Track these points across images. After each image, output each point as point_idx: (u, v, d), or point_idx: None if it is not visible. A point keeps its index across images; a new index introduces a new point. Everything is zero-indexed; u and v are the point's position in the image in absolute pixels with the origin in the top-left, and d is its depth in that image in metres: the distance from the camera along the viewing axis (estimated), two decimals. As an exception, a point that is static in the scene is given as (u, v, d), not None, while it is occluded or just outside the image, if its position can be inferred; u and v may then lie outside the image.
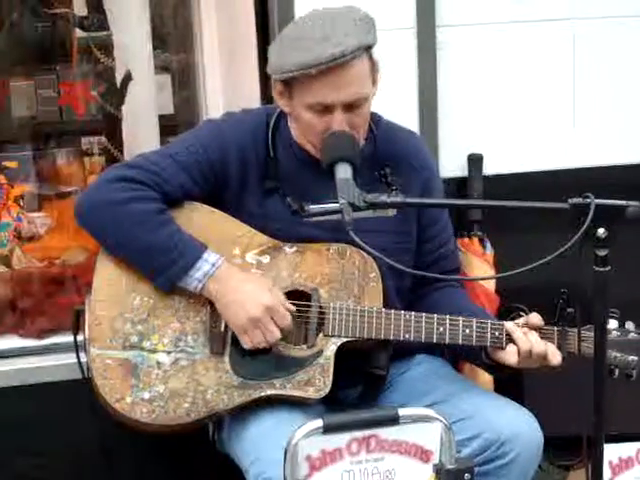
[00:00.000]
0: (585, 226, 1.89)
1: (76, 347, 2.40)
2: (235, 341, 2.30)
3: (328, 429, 1.73)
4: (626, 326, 2.30)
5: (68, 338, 3.01)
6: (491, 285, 2.91)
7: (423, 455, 1.79)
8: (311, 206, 2.17)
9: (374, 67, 2.32)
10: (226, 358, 2.30)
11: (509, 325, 2.29)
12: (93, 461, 2.76)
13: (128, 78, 3.36)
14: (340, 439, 1.75)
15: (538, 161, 3.14)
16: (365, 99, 2.29)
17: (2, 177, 3.39)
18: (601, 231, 1.91)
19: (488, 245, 3.02)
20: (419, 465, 1.79)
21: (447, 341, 2.29)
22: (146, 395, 2.27)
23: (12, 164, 3.48)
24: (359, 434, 1.75)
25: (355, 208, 2.05)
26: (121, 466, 2.84)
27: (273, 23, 3.04)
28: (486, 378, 2.88)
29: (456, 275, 2.58)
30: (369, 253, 2.06)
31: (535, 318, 2.30)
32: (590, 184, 2.03)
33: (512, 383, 2.42)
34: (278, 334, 2.26)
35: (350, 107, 2.27)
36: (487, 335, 2.28)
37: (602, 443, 2.01)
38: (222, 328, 2.30)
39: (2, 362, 2.95)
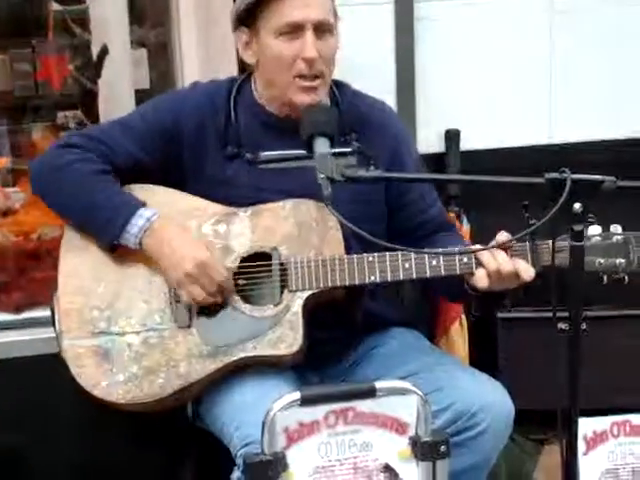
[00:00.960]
0: (561, 201, 1.90)
1: (55, 330, 2.39)
2: (201, 311, 2.31)
3: (305, 401, 1.73)
4: (611, 229, 2.24)
5: (45, 312, 3.02)
6: (468, 260, 2.91)
7: (399, 427, 1.80)
8: (264, 153, 2.22)
9: (335, 13, 2.37)
10: (194, 330, 2.31)
11: (476, 246, 2.24)
12: (71, 436, 2.77)
13: (104, 52, 3.33)
14: (317, 411, 1.75)
15: (515, 137, 3.15)
16: (331, 29, 2.32)
17: (-23, 151, 3.37)
18: (577, 206, 1.91)
19: (465, 220, 3.03)
20: (395, 437, 1.80)
21: (414, 276, 2.25)
22: (121, 377, 2.29)
23: (-13, 138, 3.46)
24: (336, 406, 1.76)
25: (333, 182, 2.05)
26: (99, 442, 2.85)
27: None
28: (461, 352, 2.90)
29: (452, 230, 2.53)
30: (348, 227, 2.04)
31: (502, 236, 2.21)
32: (568, 160, 2.03)
33: (487, 356, 2.43)
34: (214, 288, 2.27)
35: (319, 32, 2.29)
36: (455, 263, 2.23)
37: (576, 416, 2.03)
38: (184, 300, 2.31)
39: (-22, 336, 2.95)
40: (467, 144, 3.09)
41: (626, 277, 2.24)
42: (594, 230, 2.22)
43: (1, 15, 3.73)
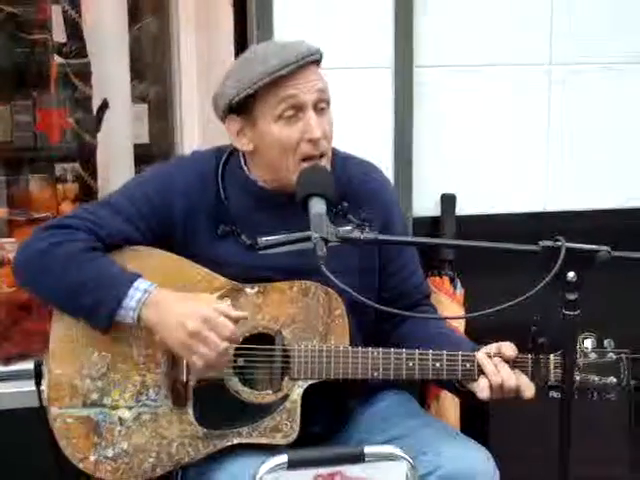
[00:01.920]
0: (555, 269, 1.90)
1: (40, 400, 2.33)
2: (198, 392, 2.24)
3: (292, 465, 1.72)
4: (605, 344, 2.25)
5: (34, 365, 3.00)
6: (461, 325, 2.91)
7: (387, 493, 1.79)
8: (264, 238, 2.15)
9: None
10: (189, 409, 2.24)
11: (480, 356, 2.24)
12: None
13: (105, 106, 3.37)
14: (305, 475, 1.74)
15: (511, 203, 3.15)
16: (328, 105, 2.29)
17: (-26, 201, 3.38)
18: (571, 275, 1.92)
19: (459, 285, 3.02)
20: (383, 503, 1.79)
21: (417, 376, 2.25)
22: (109, 453, 2.22)
23: (-16, 188, 3.47)
24: (324, 470, 1.75)
25: (328, 243, 2.04)
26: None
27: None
28: (452, 417, 2.88)
29: (428, 302, 2.53)
30: (338, 288, 2.03)
31: (508, 349, 2.23)
32: (562, 228, 2.04)
33: (478, 423, 2.42)
34: (224, 344, 2.16)
35: (318, 109, 2.25)
36: (458, 368, 2.24)
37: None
38: (183, 379, 2.24)
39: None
40: (463, 209, 3.10)
41: (613, 397, 2.25)
42: (589, 344, 2.24)
43: (4, 67, 3.76)
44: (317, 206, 2.13)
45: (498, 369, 2.22)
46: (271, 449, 2.18)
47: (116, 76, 3.42)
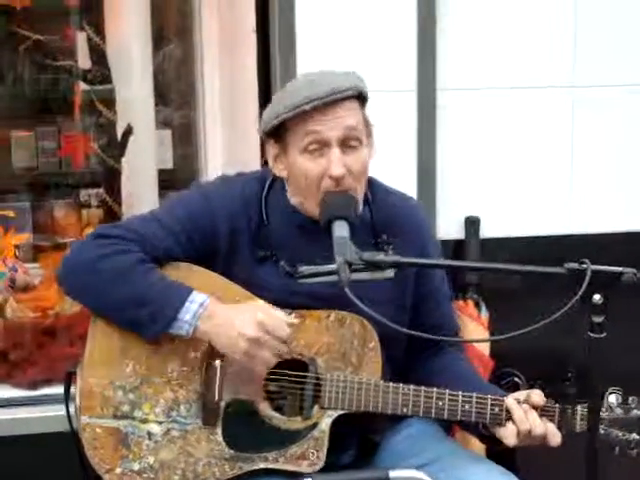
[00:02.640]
0: (581, 292, 1.89)
1: (67, 406, 2.36)
2: (228, 413, 2.24)
3: (318, 489, 1.71)
4: (629, 401, 2.25)
5: (60, 389, 3.01)
6: (485, 349, 2.90)
7: (413, 518, 1.77)
8: (304, 267, 2.15)
9: (368, 123, 2.30)
10: (218, 430, 2.24)
11: (509, 402, 2.23)
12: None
13: (129, 132, 3.38)
14: (330, 500, 1.73)
15: (535, 226, 3.15)
16: (360, 141, 2.25)
17: (-1, 226, 3.40)
18: (597, 297, 1.90)
19: (483, 308, 3.01)
20: (408, 528, 1.77)
21: (445, 416, 2.24)
22: (136, 466, 2.22)
23: (10, 213, 3.48)
24: (349, 495, 1.74)
25: (352, 267, 2.04)
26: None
27: (275, 81, 3.07)
28: (478, 445, 2.86)
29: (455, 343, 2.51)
30: (365, 313, 2.03)
31: (537, 397, 2.23)
32: (587, 250, 2.03)
33: (505, 451, 2.39)
34: (282, 347, 2.19)
35: (346, 146, 2.23)
36: (487, 411, 2.23)
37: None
38: (215, 398, 2.24)
39: (-7, 412, 2.94)
40: (487, 232, 3.09)
41: (634, 453, 2.24)
42: (614, 399, 2.24)
43: (29, 93, 3.80)
44: (340, 229, 2.14)
45: (527, 416, 2.21)
46: (296, 476, 2.18)
47: (140, 101, 3.43)
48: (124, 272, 2.21)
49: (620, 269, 1.93)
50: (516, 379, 3.00)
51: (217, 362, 2.24)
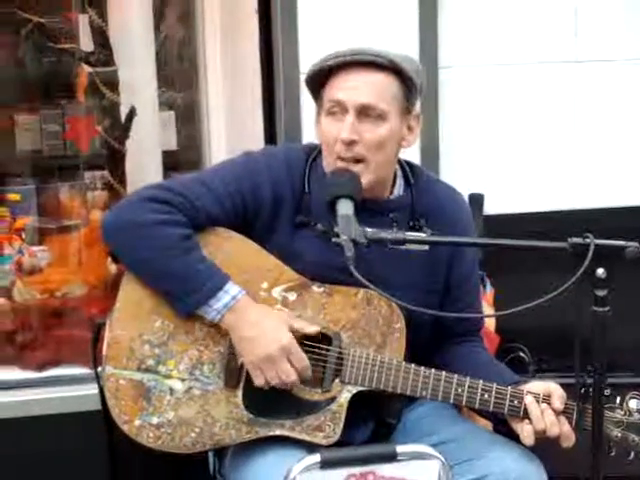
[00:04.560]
0: (584, 266, 1.90)
1: (94, 360, 2.38)
2: (250, 377, 2.27)
3: (325, 464, 1.73)
4: None
5: (68, 371, 3.04)
6: (491, 325, 2.91)
7: (420, 492, 1.79)
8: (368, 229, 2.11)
9: (407, 106, 2.31)
10: (239, 392, 2.28)
11: (528, 400, 2.23)
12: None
13: (132, 114, 3.38)
14: (338, 474, 1.75)
15: (539, 202, 3.15)
16: (382, 116, 2.26)
17: (5, 210, 3.41)
18: (600, 271, 1.91)
19: (488, 284, 3.02)
20: (416, 502, 1.79)
21: (464, 403, 2.26)
22: (155, 420, 2.25)
23: (15, 197, 3.49)
24: (357, 470, 1.76)
25: (356, 244, 2.05)
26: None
27: (277, 61, 3.07)
28: (483, 421, 2.88)
29: (478, 335, 2.53)
30: (375, 292, 2.06)
31: (558, 403, 2.22)
32: (591, 225, 2.03)
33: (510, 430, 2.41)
34: (294, 376, 2.23)
35: (363, 115, 2.25)
36: (505, 403, 2.24)
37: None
38: (239, 362, 2.27)
39: (2, 393, 2.95)
40: (491, 208, 3.09)
41: None
42: (634, 404, 2.24)
43: (33, 76, 3.79)
44: (344, 207, 2.16)
45: (544, 415, 2.22)
46: (310, 447, 2.21)
47: (143, 83, 3.44)
48: (168, 246, 2.25)
49: (623, 243, 1.94)
50: (522, 354, 3.02)
51: None
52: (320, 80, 2.31)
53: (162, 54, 3.77)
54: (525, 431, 2.23)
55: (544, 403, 2.23)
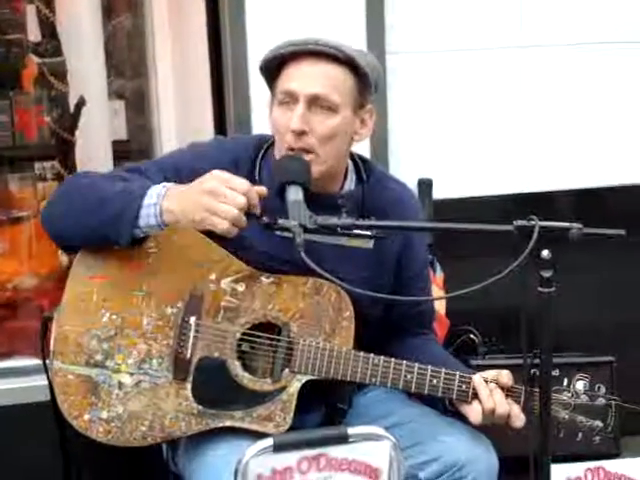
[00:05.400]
0: (529, 248, 1.93)
1: (43, 354, 2.34)
2: (199, 369, 2.27)
3: (278, 448, 1.74)
4: (596, 389, 2.29)
5: (20, 363, 3.02)
6: (441, 308, 2.94)
7: (372, 473, 1.81)
8: (282, 220, 2.11)
9: (361, 101, 2.31)
10: (188, 385, 2.27)
11: (476, 380, 2.26)
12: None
13: (82, 103, 3.37)
14: (290, 458, 1.76)
15: (486, 186, 3.18)
16: (333, 108, 2.26)
17: (-46, 202, 3.39)
18: (545, 252, 1.94)
19: (438, 268, 3.05)
20: (368, 483, 1.81)
21: (413, 389, 2.28)
22: (104, 415, 2.25)
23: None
24: (309, 453, 1.77)
25: (306, 230, 2.07)
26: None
27: (225, 47, 3.07)
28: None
29: (430, 329, 2.56)
30: (326, 278, 2.07)
31: (505, 378, 2.27)
32: (536, 208, 2.06)
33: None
34: (241, 198, 2.10)
35: (315, 106, 2.25)
36: (454, 387, 2.26)
37: (548, 464, 2.04)
38: (188, 355, 2.27)
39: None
40: (439, 193, 3.12)
41: (597, 440, 2.30)
42: (581, 386, 2.28)
43: (-20, 68, 3.76)
44: (294, 193, 2.16)
45: (492, 395, 2.25)
46: (261, 436, 2.20)
47: (92, 73, 3.42)
48: (94, 184, 2.25)
49: (567, 224, 1.97)
50: (471, 336, 3.05)
51: (192, 319, 2.27)
52: (274, 69, 2.30)
53: (111, 44, 3.76)
54: (474, 409, 2.25)
55: (492, 384, 2.26)
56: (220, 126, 3.15)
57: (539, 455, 2.02)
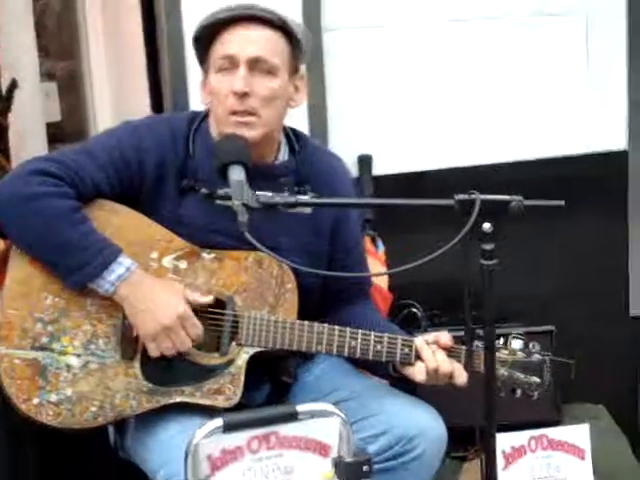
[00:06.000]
0: (471, 221, 1.95)
1: None
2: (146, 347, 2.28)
3: (228, 428, 1.74)
4: (530, 346, 2.35)
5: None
6: (384, 283, 2.95)
7: (322, 450, 1.81)
8: (222, 190, 2.14)
9: (295, 66, 2.36)
10: (136, 363, 2.28)
11: (418, 342, 2.31)
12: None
13: (14, 86, 3.33)
14: (240, 437, 1.76)
15: (425, 161, 3.20)
16: (272, 72, 2.30)
17: None
18: (487, 225, 1.97)
19: (380, 244, 3.06)
20: (318, 459, 1.81)
21: (358, 355, 2.30)
22: (53, 397, 2.24)
23: None
24: (259, 432, 1.77)
25: (249, 209, 2.07)
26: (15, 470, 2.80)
27: (161, 33, 3.03)
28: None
29: (368, 297, 2.60)
30: (268, 255, 2.11)
31: (444, 338, 2.32)
32: (476, 182, 2.08)
33: (406, 390, 2.47)
34: (189, 343, 2.25)
35: (255, 69, 2.29)
36: (397, 351, 2.30)
37: (494, 433, 2.07)
38: (134, 333, 2.27)
39: None
40: (379, 169, 3.13)
41: (535, 395, 2.35)
42: (517, 345, 2.34)
43: None
44: (236, 173, 2.16)
45: (435, 355, 2.29)
46: (212, 412, 2.22)
47: (23, 54, 3.38)
48: (57, 218, 2.22)
49: (508, 197, 1.99)
50: (414, 310, 3.08)
51: None
52: (208, 38, 2.32)
53: (41, 24, 3.70)
54: (418, 370, 2.29)
55: (434, 345, 2.31)
56: (157, 105, 3.12)
57: (486, 424, 2.05)
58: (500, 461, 2.62)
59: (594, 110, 3.31)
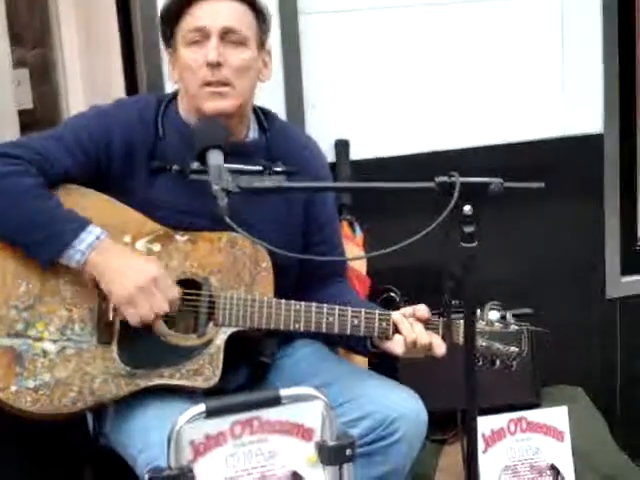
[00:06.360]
0: (452, 204, 1.95)
1: None
2: (123, 330, 2.27)
3: (211, 413, 1.74)
4: (507, 317, 2.38)
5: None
6: (362, 267, 2.95)
7: (305, 434, 1.82)
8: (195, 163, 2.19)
9: (262, 40, 2.42)
10: (114, 347, 2.27)
11: (396, 316, 2.33)
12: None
13: (-15, 73, 3.29)
14: (223, 423, 1.76)
15: (403, 145, 3.19)
16: (243, 43, 2.35)
17: None
18: (467, 208, 1.97)
19: (357, 228, 3.06)
20: (301, 444, 1.81)
21: (336, 331, 2.31)
22: (31, 384, 2.23)
23: None
24: (242, 417, 1.77)
25: (228, 193, 2.07)
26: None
27: (135, 17, 3.01)
28: (360, 359, 2.94)
29: (344, 276, 2.62)
30: (248, 238, 2.12)
31: (422, 310, 2.34)
32: (452, 166, 2.08)
33: (386, 359, 2.48)
34: (166, 306, 2.23)
35: (227, 41, 2.32)
36: (375, 325, 2.32)
37: (475, 417, 2.07)
38: (110, 317, 2.27)
39: None
40: (357, 154, 3.13)
41: (514, 365, 2.37)
42: (494, 316, 2.36)
43: None
44: (214, 158, 2.18)
45: (413, 327, 2.31)
46: (192, 395, 2.24)
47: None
48: (22, 195, 2.22)
49: (487, 180, 2.00)
50: (392, 294, 3.08)
51: None
52: (176, 14, 2.35)
53: (11, 10, 3.66)
54: (396, 342, 2.32)
55: (411, 318, 2.33)
56: (132, 93, 3.09)
57: (468, 407, 2.05)
58: (480, 444, 2.63)
59: (570, 93, 3.31)
